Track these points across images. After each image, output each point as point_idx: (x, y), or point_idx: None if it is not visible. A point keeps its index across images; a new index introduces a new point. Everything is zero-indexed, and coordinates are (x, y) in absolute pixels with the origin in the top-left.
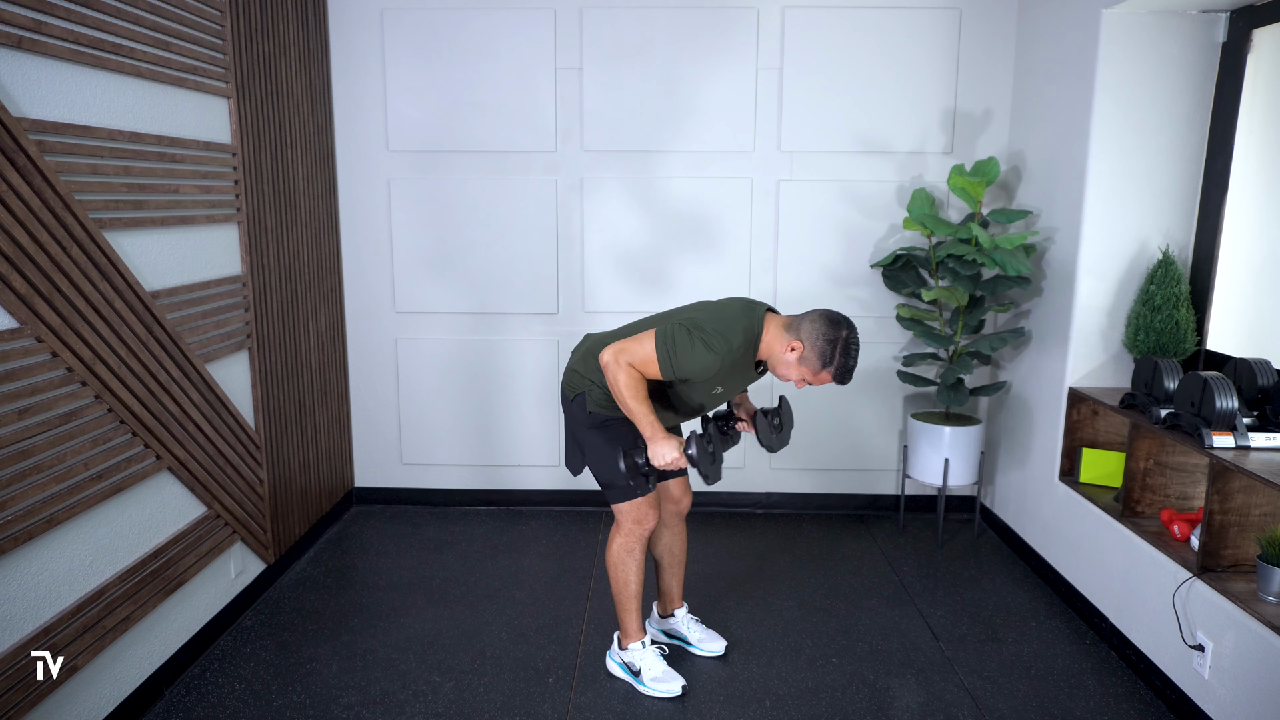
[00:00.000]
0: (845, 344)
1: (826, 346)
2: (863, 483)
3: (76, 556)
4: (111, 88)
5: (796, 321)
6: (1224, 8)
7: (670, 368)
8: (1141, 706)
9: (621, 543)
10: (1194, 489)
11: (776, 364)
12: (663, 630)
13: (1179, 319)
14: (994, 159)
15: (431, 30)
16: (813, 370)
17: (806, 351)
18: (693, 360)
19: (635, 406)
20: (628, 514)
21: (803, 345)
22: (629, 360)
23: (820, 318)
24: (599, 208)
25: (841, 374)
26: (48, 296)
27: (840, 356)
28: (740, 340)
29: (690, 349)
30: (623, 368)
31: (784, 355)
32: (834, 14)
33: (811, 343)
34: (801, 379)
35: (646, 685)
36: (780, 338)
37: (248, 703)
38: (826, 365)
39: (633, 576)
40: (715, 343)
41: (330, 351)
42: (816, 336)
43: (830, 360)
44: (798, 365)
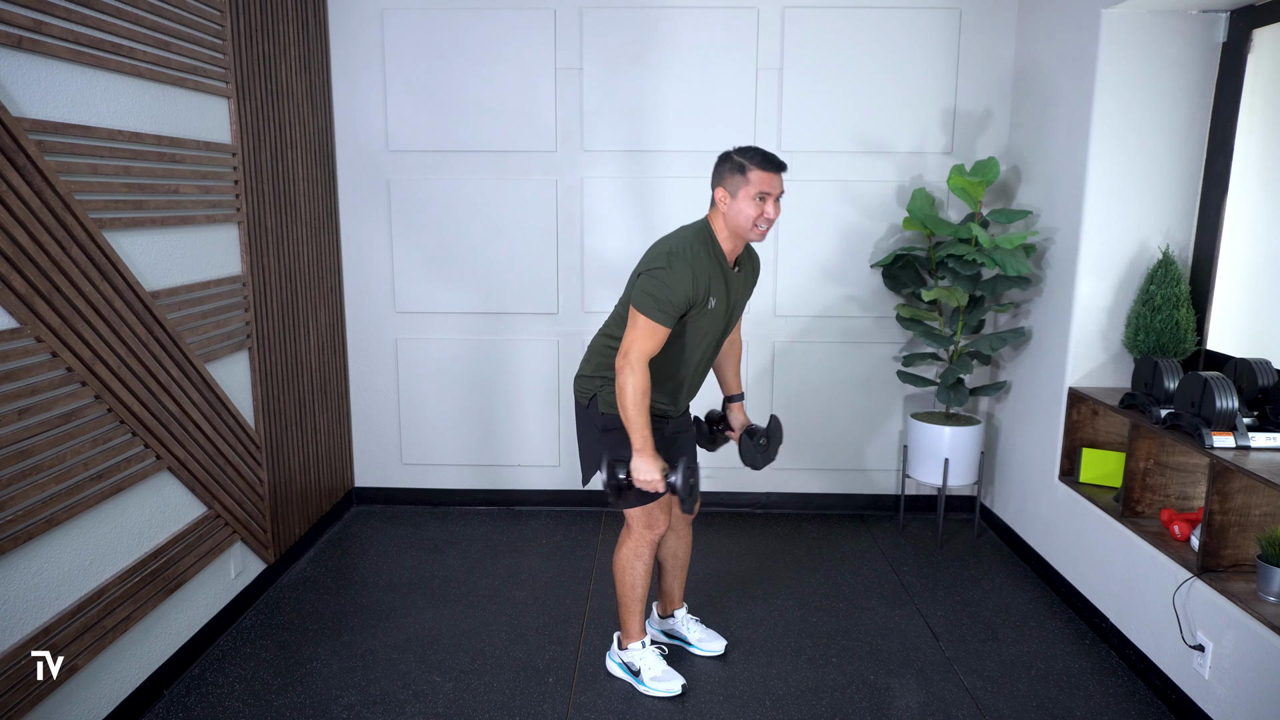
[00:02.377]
0: (731, 151)
1: (727, 165)
2: (863, 483)
3: (76, 556)
4: (111, 88)
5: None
6: (1224, 8)
7: (667, 313)
8: (1141, 706)
9: (631, 547)
10: (1194, 489)
11: (732, 223)
12: (662, 630)
13: (1179, 319)
14: (994, 159)
15: (431, 30)
16: (745, 190)
17: (725, 186)
18: (676, 286)
19: (634, 415)
20: (638, 519)
21: (720, 187)
22: (638, 354)
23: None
24: (599, 208)
25: (757, 159)
26: (48, 296)
27: (738, 156)
28: (693, 242)
29: (667, 281)
30: (634, 369)
31: (725, 210)
32: (834, 14)
33: (721, 176)
34: (757, 210)
35: (646, 685)
36: (716, 211)
37: (248, 703)
38: (744, 170)
39: (639, 580)
40: (676, 260)
41: (330, 351)
42: (719, 174)
43: (741, 167)
44: (736, 201)
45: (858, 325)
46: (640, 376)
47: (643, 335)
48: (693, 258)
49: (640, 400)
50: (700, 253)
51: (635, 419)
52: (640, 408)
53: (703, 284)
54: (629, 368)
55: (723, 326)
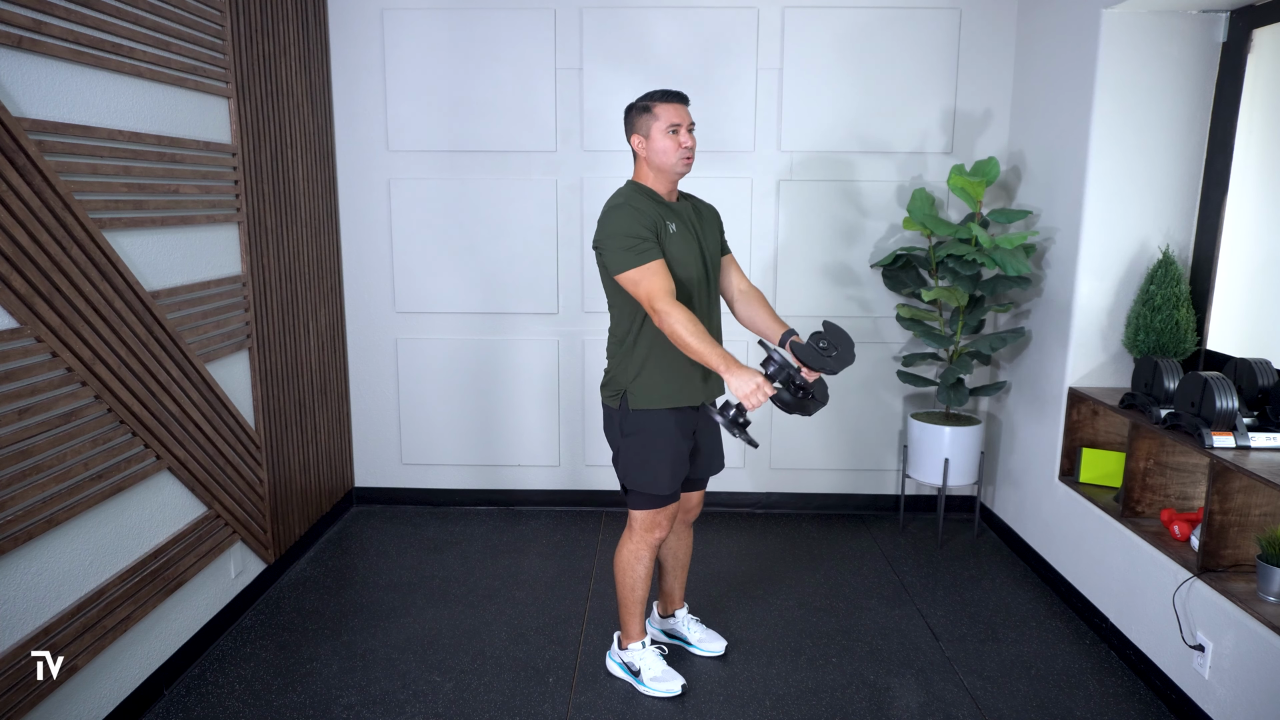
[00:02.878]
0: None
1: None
2: (863, 483)
3: (76, 556)
4: (111, 88)
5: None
6: (1224, 8)
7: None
8: (1141, 706)
9: (632, 549)
10: (1194, 489)
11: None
12: (663, 630)
13: (1179, 319)
14: (994, 159)
15: (431, 30)
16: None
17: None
18: (626, 224)
19: (700, 346)
20: (642, 521)
21: (635, 135)
22: (661, 296)
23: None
24: (599, 208)
25: (658, 95)
26: (48, 296)
27: (640, 100)
28: (623, 194)
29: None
30: (669, 310)
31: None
32: (834, 14)
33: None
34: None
35: (646, 685)
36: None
37: (248, 703)
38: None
39: (640, 582)
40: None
41: (330, 351)
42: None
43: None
44: (652, 141)
45: (858, 325)
46: (679, 311)
47: (650, 280)
48: (626, 200)
49: (695, 329)
50: (633, 195)
51: (703, 348)
52: (700, 337)
53: (648, 214)
54: (663, 313)
55: (701, 258)
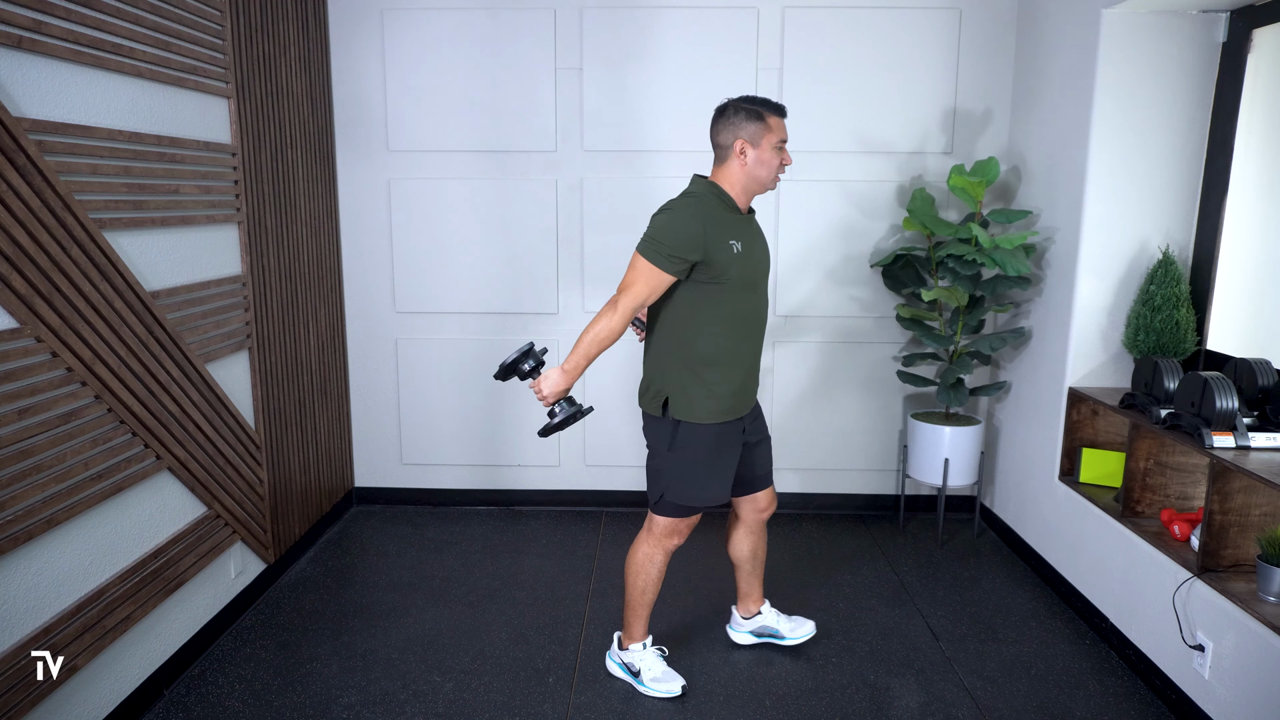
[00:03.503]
0: (737, 102)
1: (742, 115)
2: (863, 483)
3: (76, 556)
4: (111, 88)
5: (720, 154)
6: (1224, 8)
7: (667, 256)
8: (1141, 706)
9: (648, 552)
10: (1194, 489)
11: (755, 174)
12: (750, 631)
13: (1179, 319)
14: (994, 159)
15: (431, 30)
16: (769, 138)
17: (746, 136)
18: (678, 228)
19: (587, 343)
20: (664, 527)
21: (740, 139)
22: (628, 300)
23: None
24: (599, 208)
25: (771, 107)
26: (48, 296)
27: (750, 105)
28: (697, 194)
29: (668, 224)
30: (616, 314)
31: (747, 160)
32: (834, 14)
33: (739, 126)
34: (779, 158)
35: (646, 685)
36: (730, 165)
37: (248, 703)
38: (763, 118)
39: (652, 585)
40: (678, 208)
41: (330, 351)
42: (735, 125)
43: (759, 115)
44: (760, 151)
45: (858, 325)
46: (618, 323)
47: (639, 277)
48: (698, 203)
49: (602, 339)
50: (708, 199)
51: (585, 347)
52: (596, 343)
53: (713, 225)
54: (613, 310)
55: (764, 281)
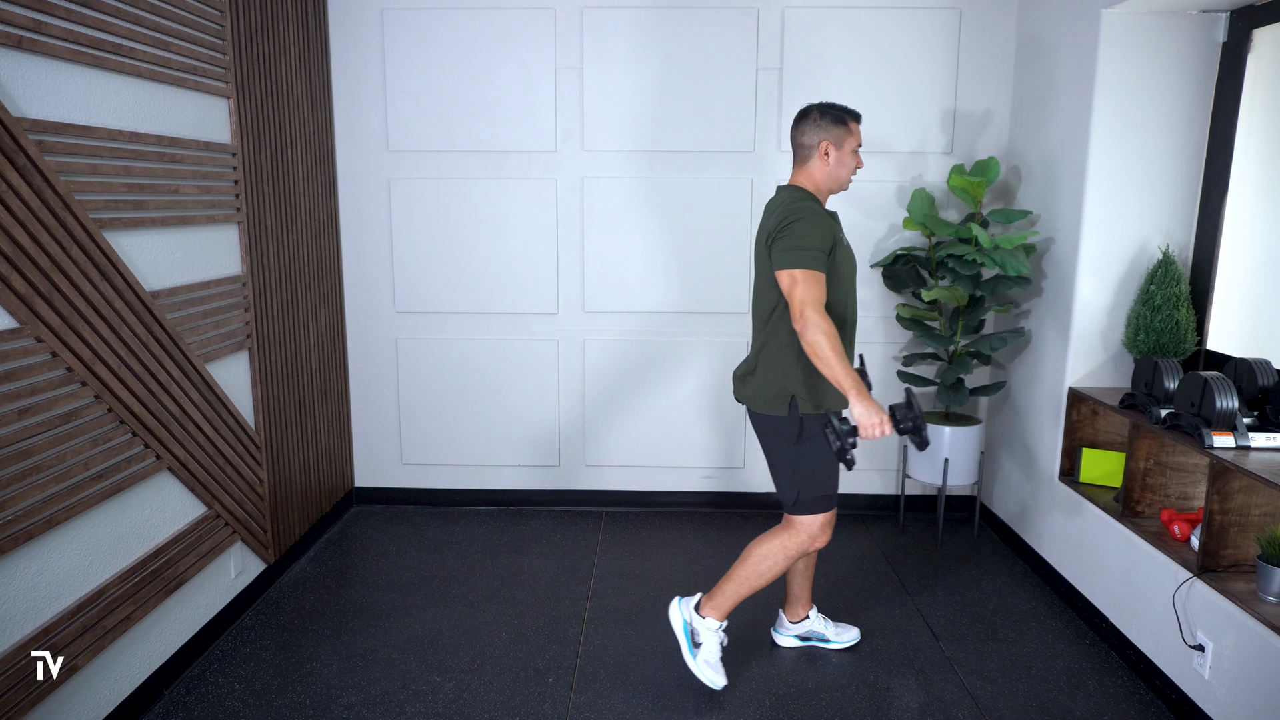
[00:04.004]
0: (822, 106)
1: (827, 119)
2: (862, 483)
3: (76, 556)
4: (111, 88)
5: (800, 154)
6: (1224, 8)
7: (817, 257)
8: (1141, 706)
9: (785, 548)
10: (1194, 489)
11: (834, 176)
12: (797, 635)
13: (1179, 319)
14: (994, 159)
15: (431, 30)
16: (849, 143)
17: (832, 140)
18: (814, 229)
19: (837, 364)
20: (807, 527)
21: (826, 142)
22: (814, 305)
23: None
24: (599, 208)
25: (853, 114)
26: (48, 296)
27: (835, 111)
28: (799, 196)
29: (805, 229)
30: (818, 320)
31: (830, 163)
32: (834, 14)
33: (825, 129)
34: (856, 161)
35: (697, 661)
36: (812, 162)
37: (248, 703)
38: (846, 124)
39: (769, 576)
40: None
41: (330, 351)
42: (820, 128)
43: (843, 120)
44: (842, 154)
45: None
46: (827, 323)
47: (807, 287)
48: (811, 200)
49: (838, 346)
50: (812, 200)
51: (839, 367)
52: (840, 354)
53: (829, 226)
54: (811, 322)
55: (855, 271)
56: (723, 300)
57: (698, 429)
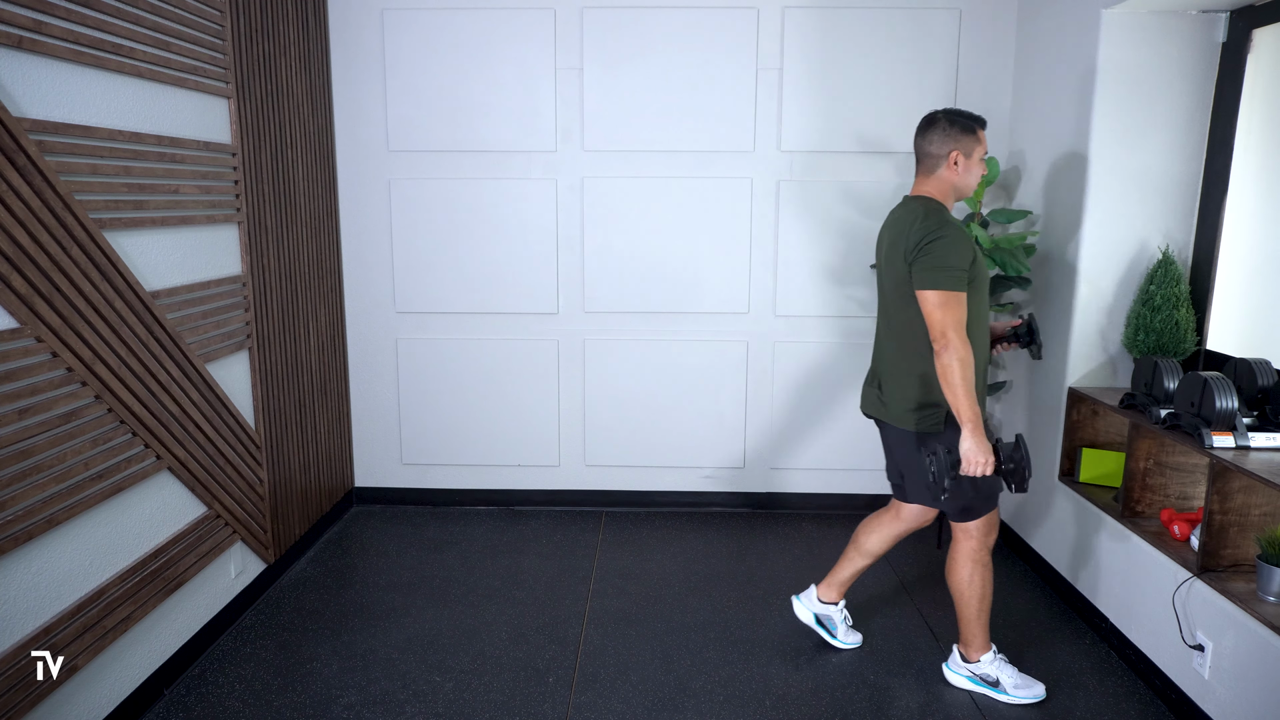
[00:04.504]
0: (951, 113)
1: (957, 127)
2: (863, 483)
3: (76, 556)
4: (111, 88)
5: (927, 163)
6: (1224, 8)
7: (959, 278)
8: (1141, 706)
9: (974, 558)
10: (1194, 489)
11: (962, 183)
12: (815, 614)
13: (1179, 319)
14: (994, 159)
15: (431, 30)
16: (978, 151)
17: (962, 148)
18: (956, 248)
19: (965, 394)
20: (979, 528)
21: (956, 150)
22: (955, 329)
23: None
24: (599, 208)
25: (980, 122)
26: (48, 296)
27: (964, 119)
28: (931, 209)
29: (948, 248)
30: (958, 345)
31: (960, 170)
32: (834, 14)
33: (955, 138)
34: (981, 169)
35: (1010, 694)
36: (940, 171)
37: (248, 703)
38: (974, 132)
39: (987, 587)
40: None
41: (330, 351)
42: (951, 137)
43: (972, 129)
44: (971, 162)
45: (858, 325)
46: (965, 350)
47: (948, 309)
48: (947, 215)
49: (970, 376)
50: (945, 211)
51: (966, 398)
52: (969, 384)
53: (970, 244)
54: (950, 346)
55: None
56: (723, 300)
57: (698, 429)
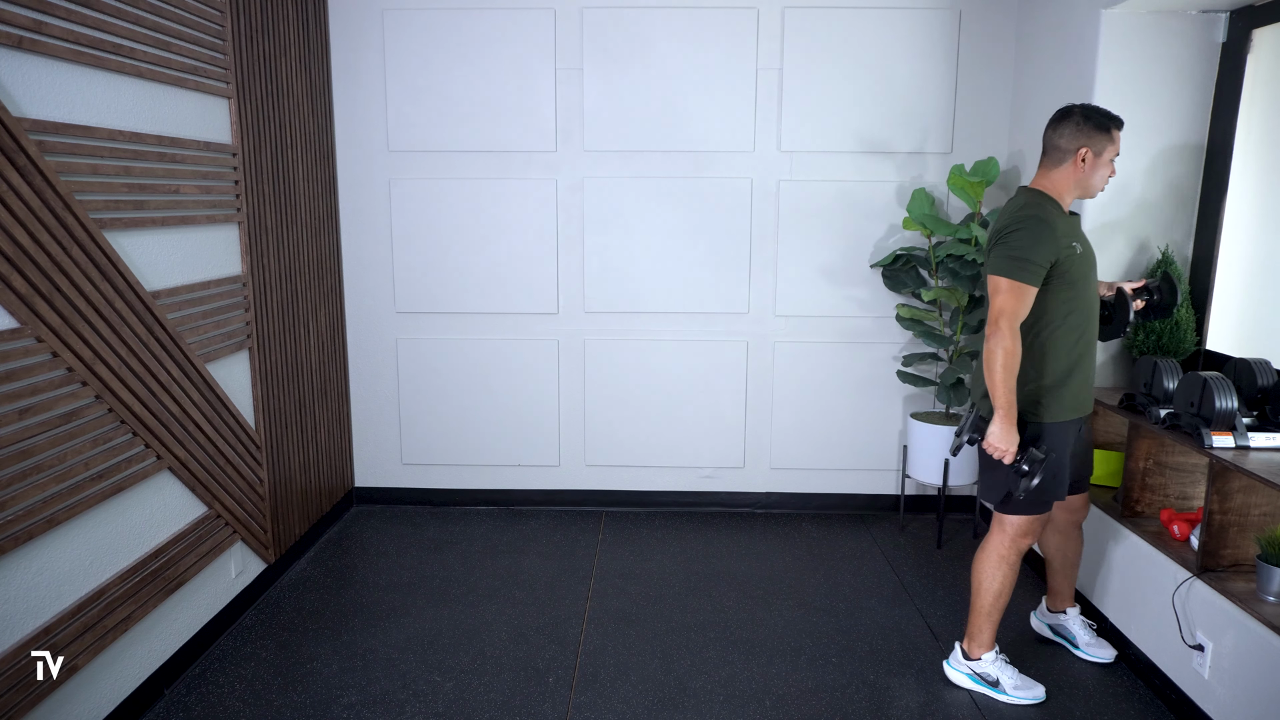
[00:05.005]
0: (1085, 109)
1: (1090, 124)
2: (863, 483)
3: (76, 556)
4: (112, 88)
5: (1053, 155)
6: (1224, 8)
7: (1031, 271)
8: (1141, 706)
9: (1002, 554)
10: (1194, 489)
11: (1086, 181)
12: (1049, 625)
13: (1179, 319)
14: (994, 159)
15: (431, 30)
16: (1109, 151)
17: (1092, 145)
18: (1036, 242)
19: (1003, 380)
20: (1016, 526)
21: (1086, 147)
22: (1008, 320)
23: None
24: (599, 208)
25: (1117, 121)
26: (48, 296)
27: (1099, 116)
28: (1036, 201)
29: (1025, 240)
30: (1006, 335)
31: (1085, 167)
32: (834, 14)
33: (1087, 135)
34: (1109, 170)
35: (1009, 694)
36: (1064, 166)
37: (248, 702)
38: (1108, 131)
39: (1005, 589)
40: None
41: (330, 351)
42: (1081, 132)
43: (1105, 127)
44: (1099, 160)
45: (858, 325)
46: (1012, 342)
47: (1009, 299)
48: (1042, 210)
49: (1012, 366)
50: (1046, 208)
51: (1004, 384)
52: (1011, 372)
53: (1061, 231)
54: (999, 335)
55: (1095, 279)
56: (723, 300)
57: (698, 429)
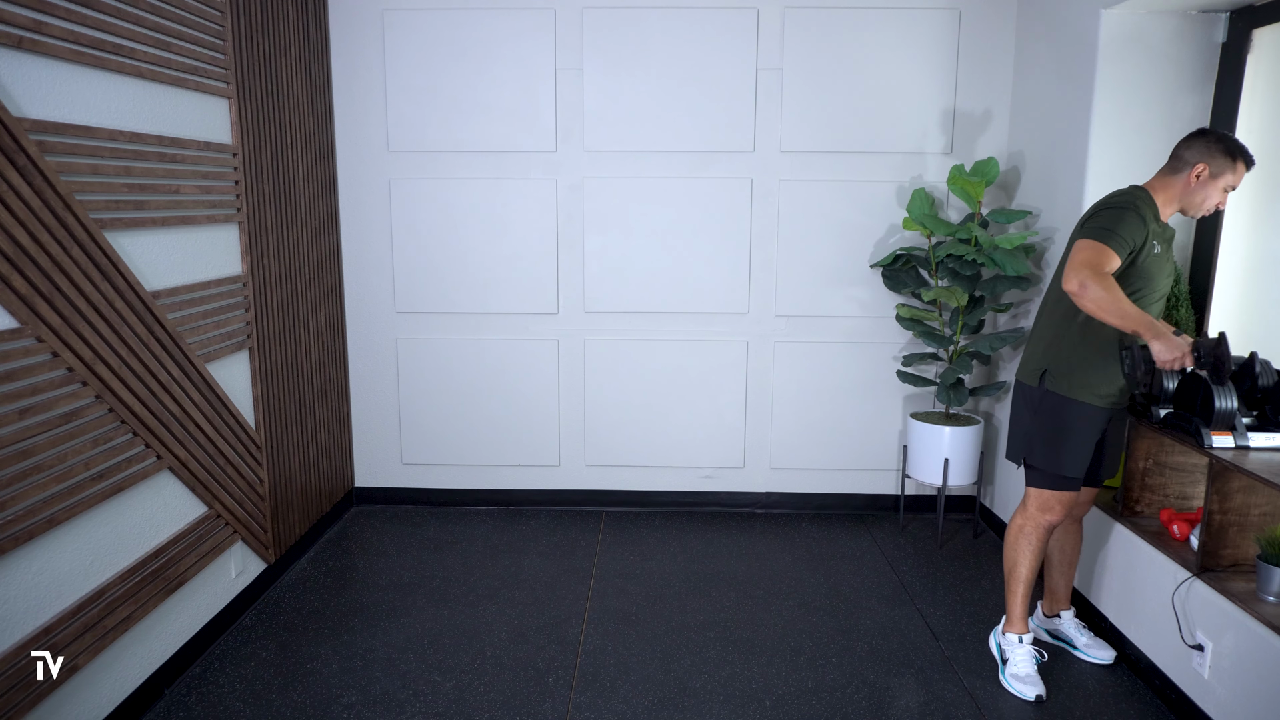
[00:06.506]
0: (1226, 135)
1: (1220, 147)
2: (863, 483)
3: (77, 556)
4: (112, 88)
5: (1173, 164)
6: (1224, 8)
7: (1117, 242)
8: (1141, 706)
9: (1021, 525)
10: (1193, 489)
11: (1191, 198)
12: (1046, 630)
13: (1179, 319)
14: (994, 159)
15: (431, 30)
16: (1227, 179)
17: (1211, 164)
18: (1126, 221)
19: (1127, 310)
20: (1037, 500)
21: (1204, 163)
22: (1089, 265)
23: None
24: (599, 208)
25: (1249, 156)
26: (48, 297)
27: (1233, 145)
28: (1135, 193)
29: (1118, 216)
30: (1092, 275)
31: (1196, 183)
32: (834, 14)
33: (1211, 154)
34: (1220, 199)
35: (1007, 679)
36: (1178, 176)
37: (248, 702)
38: (1234, 161)
39: (1023, 560)
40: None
41: (330, 351)
42: (1208, 149)
43: (1233, 157)
44: (1213, 183)
45: (858, 325)
46: (1097, 282)
47: (1093, 253)
48: (1138, 201)
49: (1118, 296)
50: (1145, 204)
51: (1128, 311)
52: (1117, 299)
53: (1150, 222)
54: (1085, 278)
55: (1169, 281)
56: (723, 300)
57: (698, 429)
